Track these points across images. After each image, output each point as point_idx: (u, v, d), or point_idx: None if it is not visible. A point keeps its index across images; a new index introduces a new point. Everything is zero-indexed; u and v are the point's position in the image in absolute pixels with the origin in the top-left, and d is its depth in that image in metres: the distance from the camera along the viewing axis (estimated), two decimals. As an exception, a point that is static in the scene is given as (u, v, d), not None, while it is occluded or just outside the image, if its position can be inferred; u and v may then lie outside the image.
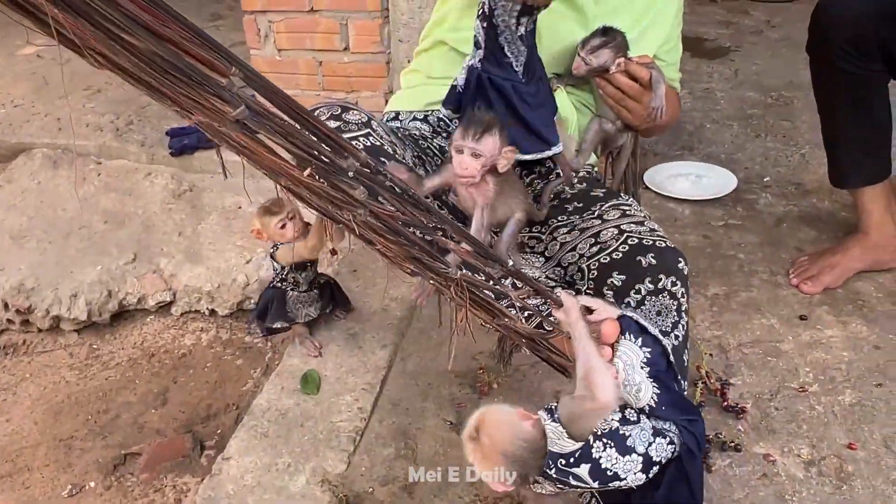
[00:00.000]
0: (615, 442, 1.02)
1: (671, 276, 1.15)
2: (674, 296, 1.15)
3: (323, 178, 0.70)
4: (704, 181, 2.49)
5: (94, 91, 3.34)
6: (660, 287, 1.14)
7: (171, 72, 0.50)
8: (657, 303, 1.15)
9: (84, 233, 2.55)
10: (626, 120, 1.45)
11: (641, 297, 1.15)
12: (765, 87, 3.25)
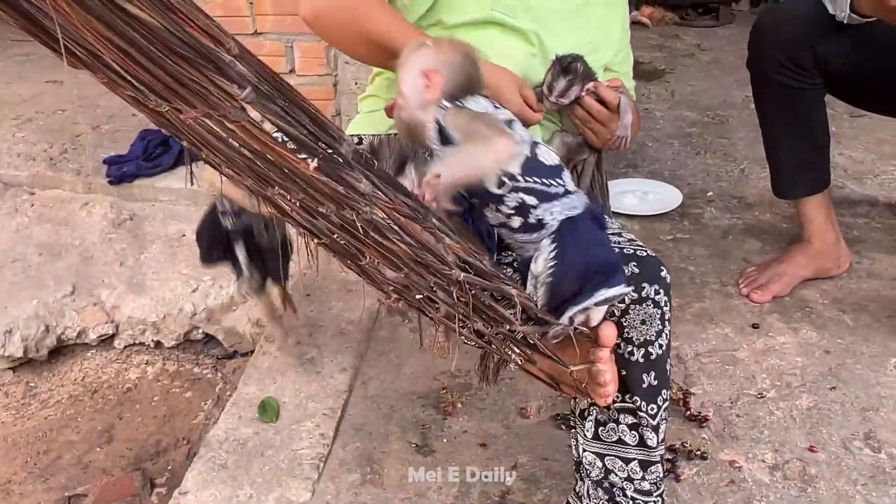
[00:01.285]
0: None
1: (654, 285, 1.15)
2: (657, 304, 1.15)
3: (327, 171, 0.66)
4: (651, 197, 2.53)
5: (23, 120, 3.22)
6: (643, 296, 1.14)
7: (177, 49, 0.46)
8: (641, 312, 1.14)
9: (18, 266, 2.43)
10: (590, 141, 1.45)
11: (625, 305, 1.15)
12: (701, 107, 3.35)
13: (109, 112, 3.30)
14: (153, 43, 0.44)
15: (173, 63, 0.45)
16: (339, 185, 0.64)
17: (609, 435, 1.20)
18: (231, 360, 2.30)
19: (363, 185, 0.67)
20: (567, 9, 1.49)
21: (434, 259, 0.80)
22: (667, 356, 1.19)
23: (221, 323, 2.31)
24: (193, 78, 0.47)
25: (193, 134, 0.60)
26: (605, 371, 1.04)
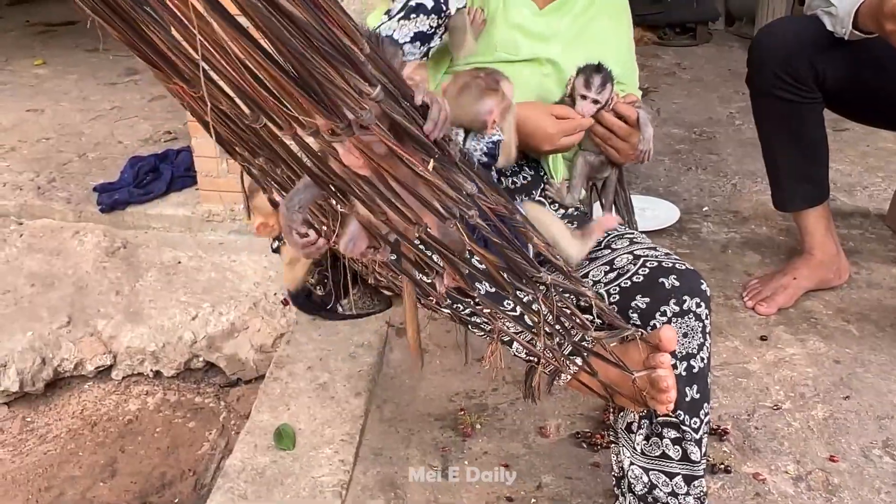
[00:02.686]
0: None
1: (695, 298, 1.15)
2: (699, 317, 1.15)
3: (441, 173, 0.63)
4: (648, 213, 2.55)
5: (6, 150, 3.16)
6: (685, 308, 1.14)
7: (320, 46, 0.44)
8: (683, 324, 1.14)
9: (10, 297, 2.37)
10: (612, 158, 1.47)
11: (667, 318, 1.15)
12: (687, 124, 3.39)
13: (94, 140, 3.26)
14: (295, 38, 0.42)
15: (313, 60, 0.43)
16: (449, 188, 0.63)
17: (652, 449, 1.19)
18: (234, 388, 2.26)
19: (470, 185, 0.65)
20: (572, 27, 1.52)
21: (523, 261, 0.78)
22: (707, 369, 1.19)
23: (223, 350, 2.27)
24: (327, 76, 0.45)
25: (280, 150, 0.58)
26: (667, 376, 1.03)
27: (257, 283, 2.41)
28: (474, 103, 1.24)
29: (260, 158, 0.69)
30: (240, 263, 2.49)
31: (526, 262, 0.79)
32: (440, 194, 0.62)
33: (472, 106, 1.24)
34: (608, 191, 1.54)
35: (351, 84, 0.47)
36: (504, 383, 1.83)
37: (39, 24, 5.01)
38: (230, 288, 2.41)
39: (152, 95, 3.70)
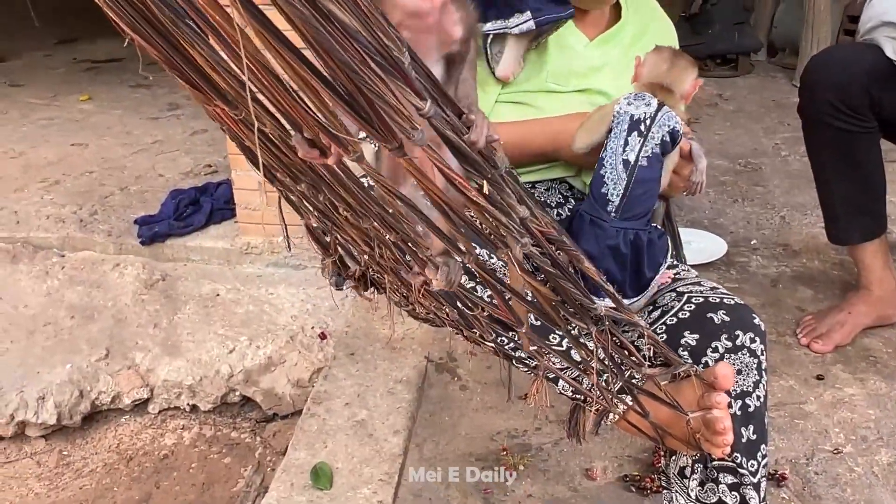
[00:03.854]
0: None
1: (749, 332, 1.09)
2: (753, 353, 1.09)
3: (493, 198, 0.59)
4: (694, 246, 2.48)
5: (51, 183, 3.20)
6: (738, 344, 1.08)
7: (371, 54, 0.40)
8: (737, 361, 1.08)
9: (50, 329, 2.38)
10: (662, 190, 1.41)
11: (720, 354, 1.09)
12: (731, 155, 3.32)
13: (136, 173, 3.29)
14: (346, 50, 0.38)
15: (362, 73, 0.40)
16: (501, 213, 0.58)
17: (708, 496, 1.12)
18: (270, 424, 2.23)
19: (522, 209, 0.60)
20: (623, 58, 1.48)
21: (577, 290, 0.73)
22: (765, 408, 1.12)
23: (259, 384, 2.24)
24: (378, 91, 0.42)
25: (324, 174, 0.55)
26: (724, 418, 0.96)
27: (294, 317, 2.38)
28: (686, 72, 1.24)
29: (302, 185, 0.66)
30: (277, 296, 2.47)
31: (580, 293, 0.73)
32: (492, 220, 0.58)
33: (684, 74, 1.24)
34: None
35: (402, 99, 0.43)
36: (548, 422, 1.77)
37: (86, 61, 5.13)
38: (267, 321, 2.38)
39: (193, 129, 3.74)
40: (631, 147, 1.18)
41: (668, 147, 1.19)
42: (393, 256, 0.73)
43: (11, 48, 5.19)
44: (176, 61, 0.47)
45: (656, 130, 1.18)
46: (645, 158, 1.18)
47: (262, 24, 0.38)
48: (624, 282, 1.18)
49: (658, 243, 1.20)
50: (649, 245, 1.18)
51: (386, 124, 0.44)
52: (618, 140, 1.19)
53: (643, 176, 1.17)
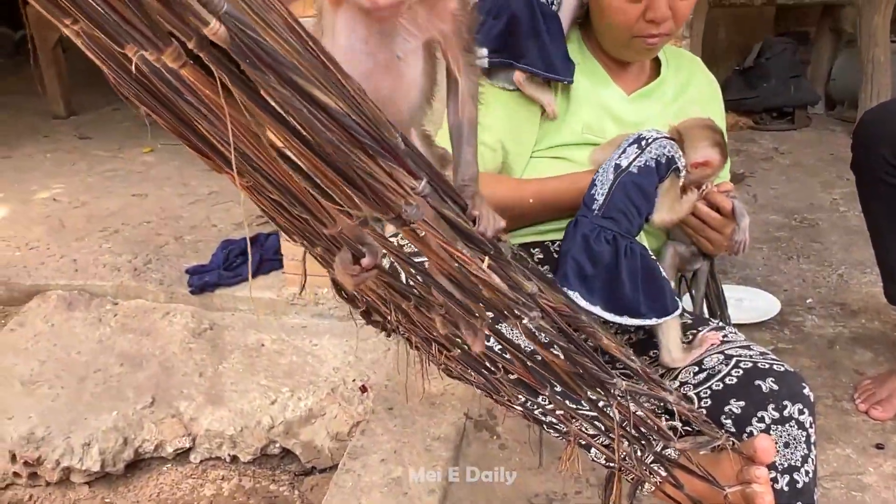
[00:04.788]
0: None
1: (797, 403, 1.04)
2: (802, 425, 1.03)
3: (497, 271, 0.58)
4: (746, 304, 2.41)
5: (110, 232, 3.30)
6: (786, 415, 1.03)
7: (358, 137, 0.41)
8: (784, 433, 1.03)
9: (99, 376, 2.42)
10: (706, 249, 1.38)
11: (766, 425, 1.04)
12: (787, 210, 3.24)
13: (191, 223, 3.38)
14: (331, 131, 0.39)
15: (349, 152, 0.40)
16: (507, 288, 0.57)
17: None
18: (308, 477, 2.21)
19: (530, 285, 0.59)
20: (663, 115, 1.46)
21: (593, 365, 0.71)
22: (814, 484, 1.06)
23: (299, 437, 2.23)
24: (368, 170, 0.42)
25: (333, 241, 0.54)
26: (764, 493, 0.91)
27: (336, 368, 2.38)
28: (701, 143, 1.28)
29: (318, 248, 0.66)
30: (321, 347, 2.48)
31: (597, 367, 0.71)
32: (498, 294, 0.56)
33: (698, 143, 1.28)
34: (699, 283, 1.45)
35: (395, 178, 0.43)
36: (588, 485, 1.71)
37: (149, 115, 5.35)
38: (310, 372, 2.39)
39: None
40: (626, 155, 1.24)
41: (661, 171, 1.23)
42: (412, 319, 0.72)
43: (83, 103, 5.44)
44: (183, 132, 0.48)
45: (655, 147, 1.23)
46: (636, 167, 1.22)
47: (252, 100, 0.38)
48: (604, 289, 1.15)
49: (649, 261, 1.18)
50: (631, 255, 1.16)
51: (381, 198, 0.44)
52: (618, 150, 1.25)
53: (629, 180, 1.21)
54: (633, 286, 1.12)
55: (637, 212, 1.20)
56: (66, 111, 5.31)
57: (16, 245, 3.19)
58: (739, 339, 1.28)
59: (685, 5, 1.34)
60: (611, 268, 1.13)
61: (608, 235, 1.16)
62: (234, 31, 0.34)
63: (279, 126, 0.39)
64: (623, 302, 1.13)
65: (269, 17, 0.35)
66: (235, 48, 0.34)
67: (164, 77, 0.40)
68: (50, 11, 0.37)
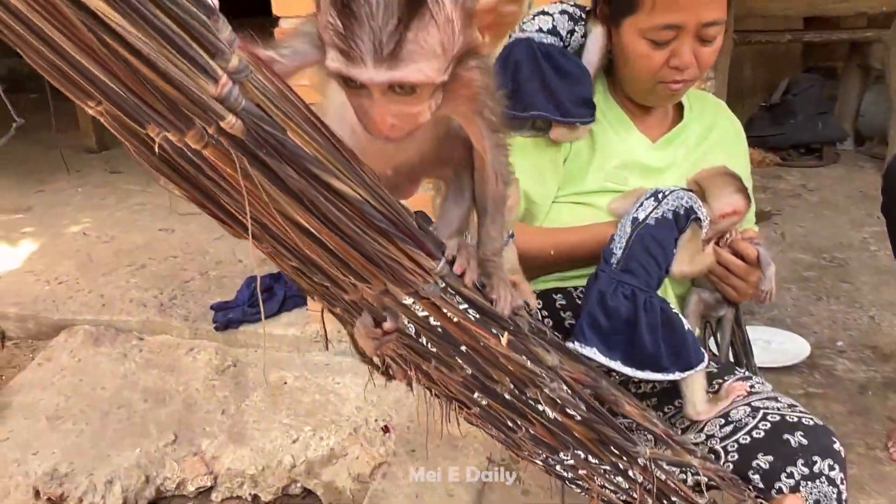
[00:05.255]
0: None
1: (827, 459, 1.02)
2: (832, 481, 1.01)
3: (516, 346, 0.57)
4: (774, 346, 2.37)
5: (137, 267, 3.34)
6: (816, 471, 1.00)
7: (377, 223, 0.41)
8: (814, 490, 1.00)
9: (123, 412, 2.43)
10: (730, 297, 1.36)
11: (795, 481, 1.01)
12: (815, 249, 3.19)
13: (217, 258, 3.40)
14: (352, 218, 0.39)
15: (367, 236, 0.40)
16: (527, 360, 0.56)
17: None
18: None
19: (550, 357, 0.59)
20: (687, 160, 1.45)
21: (616, 434, 0.69)
22: (846, 548, 1.02)
23: (321, 477, 2.22)
24: (387, 253, 0.41)
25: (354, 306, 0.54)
26: None
27: (359, 408, 2.37)
28: (723, 191, 1.27)
29: (338, 308, 0.66)
30: (343, 386, 2.47)
31: (620, 436, 0.69)
32: (518, 367, 0.56)
33: (720, 192, 1.27)
34: (724, 330, 1.42)
35: (413, 259, 0.42)
36: (613, 535, 1.67)
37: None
38: (332, 411, 2.38)
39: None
40: (644, 208, 1.22)
41: (681, 222, 1.21)
42: (431, 377, 0.71)
43: (113, 137, 5.52)
44: (203, 201, 0.48)
45: (672, 199, 1.22)
46: (654, 219, 1.20)
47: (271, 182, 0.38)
48: (624, 343, 1.13)
49: (670, 315, 1.15)
50: (651, 309, 1.13)
51: (400, 277, 0.44)
52: (636, 204, 1.24)
53: (647, 233, 1.19)
54: (654, 340, 1.10)
55: (656, 264, 1.18)
56: (98, 145, 5.42)
57: (45, 279, 3.24)
58: (766, 389, 1.26)
59: (709, 52, 1.33)
60: (630, 322, 1.11)
61: (626, 290, 1.14)
62: (251, 125, 0.34)
63: (298, 207, 0.39)
64: (644, 356, 1.11)
65: (286, 108, 0.36)
66: (252, 140, 0.34)
67: (185, 155, 0.40)
68: (73, 93, 0.38)
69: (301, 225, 0.41)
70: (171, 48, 0.33)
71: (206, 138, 0.36)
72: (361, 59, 0.52)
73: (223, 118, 0.33)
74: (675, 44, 1.28)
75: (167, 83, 0.33)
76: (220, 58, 0.36)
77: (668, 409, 1.31)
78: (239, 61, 0.37)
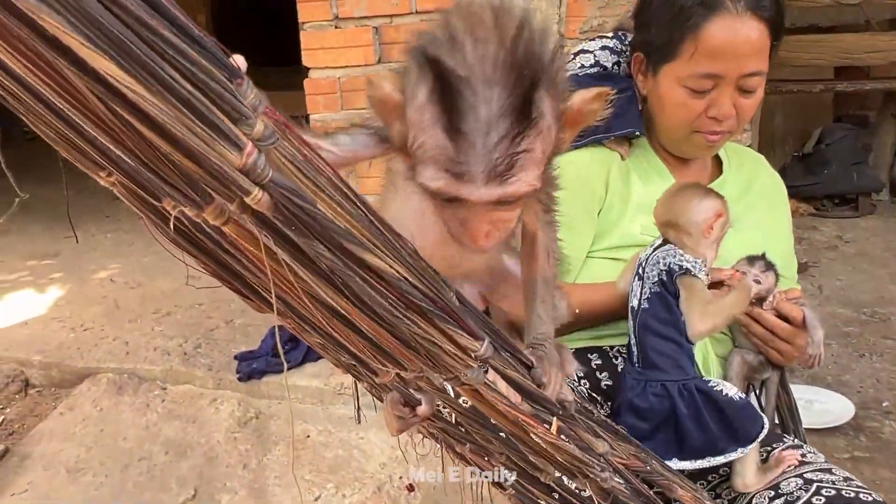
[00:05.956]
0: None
1: None
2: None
3: (566, 433, 0.52)
4: (817, 406, 2.27)
5: (163, 314, 3.33)
6: None
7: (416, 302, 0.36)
8: None
9: (144, 465, 2.39)
10: (775, 360, 1.29)
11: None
12: (855, 303, 3.09)
13: (242, 306, 3.34)
14: (387, 297, 0.35)
15: (404, 317, 0.36)
16: (576, 448, 0.51)
17: None
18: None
19: (601, 444, 0.53)
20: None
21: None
22: None
23: (342, 537, 2.14)
24: (425, 334, 0.37)
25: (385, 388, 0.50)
26: None
27: (383, 465, 2.30)
28: (690, 203, 1.14)
29: (365, 382, 0.61)
30: (367, 441, 2.41)
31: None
32: (568, 457, 0.50)
33: (688, 206, 1.14)
34: (769, 393, 1.34)
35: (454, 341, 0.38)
36: None
37: (209, 195, 5.48)
38: (355, 468, 2.31)
39: (300, 264, 3.85)
40: (634, 293, 1.14)
41: (669, 287, 1.10)
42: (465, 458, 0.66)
43: (144, 183, 5.61)
44: (224, 276, 0.44)
45: (650, 270, 1.13)
46: (645, 300, 1.12)
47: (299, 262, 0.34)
48: (672, 440, 1.05)
49: (712, 394, 1.07)
50: (689, 396, 1.05)
51: (439, 362, 0.39)
52: (630, 289, 1.16)
53: (645, 321, 1.11)
54: (701, 426, 1.03)
55: (674, 344, 1.10)
56: (128, 192, 5.47)
57: (71, 326, 3.23)
58: (819, 460, 1.18)
59: (750, 104, 1.28)
60: (669, 419, 1.04)
61: (655, 388, 1.07)
62: (279, 199, 0.30)
63: (328, 287, 0.35)
64: (696, 445, 1.04)
65: (317, 178, 0.32)
66: (280, 216, 0.30)
67: (204, 230, 0.36)
68: (84, 164, 0.34)
69: (330, 306, 0.37)
70: (188, 114, 0.30)
71: (226, 214, 0.33)
72: (471, 178, 0.52)
73: (249, 193, 0.29)
74: (714, 93, 1.24)
75: (183, 154, 0.29)
76: (243, 124, 0.32)
77: (713, 476, 1.24)
78: (265, 127, 0.34)
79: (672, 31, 1.23)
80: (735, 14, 1.19)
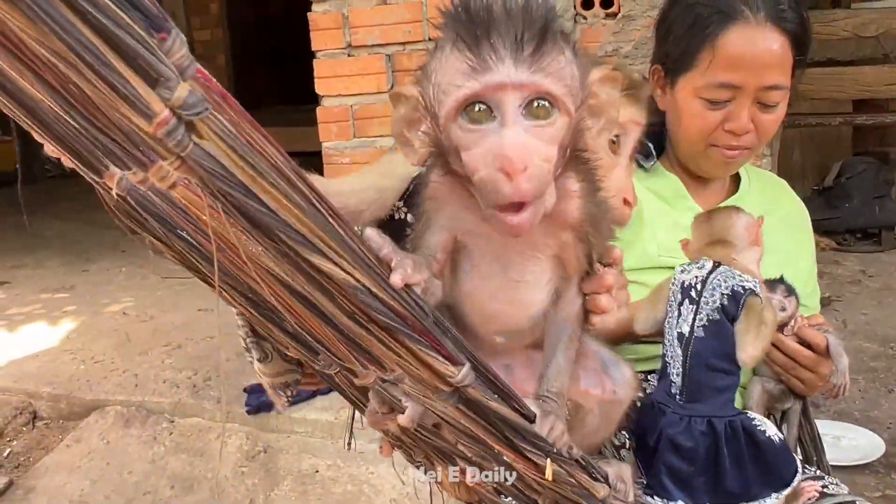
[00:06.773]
0: None
1: None
2: None
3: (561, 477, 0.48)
4: (844, 443, 2.18)
5: (173, 347, 3.30)
6: None
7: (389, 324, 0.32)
8: None
9: (149, 499, 2.33)
10: (796, 389, 1.22)
11: None
12: (881, 338, 3.00)
13: (254, 339, 3.34)
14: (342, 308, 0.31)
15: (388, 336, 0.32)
16: (574, 495, 0.46)
17: None
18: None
19: (601, 488, 0.48)
20: None
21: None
22: None
23: (350, 577, 2.07)
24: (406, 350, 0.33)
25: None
26: None
27: (393, 500, 2.23)
28: (731, 218, 1.09)
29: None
30: (377, 476, 2.34)
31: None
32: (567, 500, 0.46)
33: (729, 220, 1.09)
34: (791, 423, 1.27)
35: (430, 365, 0.34)
36: None
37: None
38: (365, 503, 2.24)
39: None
40: (684, 317, 1.03)
41: (732, 311, 1.00)
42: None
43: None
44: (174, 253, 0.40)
45: (709, 294, 1.02)
46: (700, 328, 1.01)
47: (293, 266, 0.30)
48: (708, 484, 0.97)
49: (755, 435, 0.99)
50: (734, 436, 0.97)
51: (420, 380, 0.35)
52: (672, 312, 1.05)
53: (701, 349, 1.00)
54: (739, 468, 0.96)
55: (726, 375, 1.01)
56: (144, 226, 5.49)
57: (81, 358, 3.21)
58: (843, 492, 1.11)
59: (771, 120, 1.24)
60: (711, 460, 0.96)
61: (700, 425, 0.97)
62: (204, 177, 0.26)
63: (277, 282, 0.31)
64: (731, 489, 0.96)
65: (259, 164, 0.28)
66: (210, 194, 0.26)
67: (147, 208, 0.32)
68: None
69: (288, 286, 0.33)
70: (95, 66, 0.26)
71: (124, 182, 0.29)
72: (499, 57, 0.50)
73: (155, 162, 0.26)
74: (732, 105, 1.20)
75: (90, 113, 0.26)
76: (162, 86, 0.29)
77: None
78: (189, 93, 0.30)
79: (689, 40, 1.20)
80: (754, 24, 1.16)
